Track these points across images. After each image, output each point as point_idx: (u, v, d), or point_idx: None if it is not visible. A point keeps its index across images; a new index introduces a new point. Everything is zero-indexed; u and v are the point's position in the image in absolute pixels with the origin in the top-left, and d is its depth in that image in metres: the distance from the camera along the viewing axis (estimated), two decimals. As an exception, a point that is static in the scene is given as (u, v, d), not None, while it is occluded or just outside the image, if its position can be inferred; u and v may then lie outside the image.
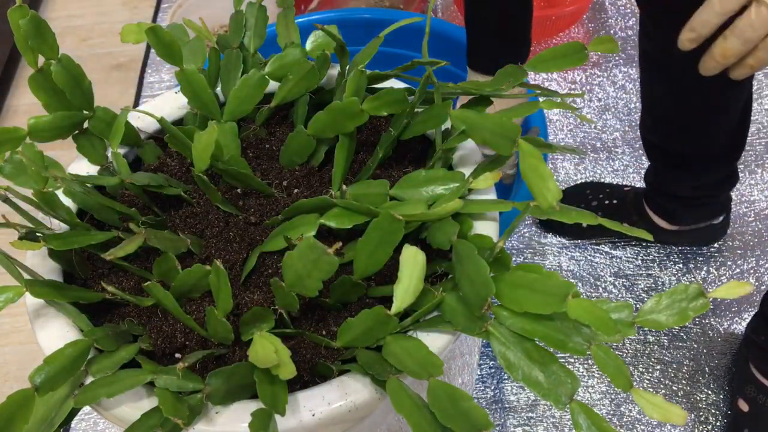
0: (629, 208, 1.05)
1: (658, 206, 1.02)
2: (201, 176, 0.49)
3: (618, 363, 0.38)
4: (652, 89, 0.89)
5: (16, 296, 0.42)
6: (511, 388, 0.95)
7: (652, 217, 1.03)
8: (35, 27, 0.48)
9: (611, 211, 1.06)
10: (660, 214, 1.02)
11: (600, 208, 1.07)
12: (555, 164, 1.21)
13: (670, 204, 1.00)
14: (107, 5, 1.64)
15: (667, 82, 0.84)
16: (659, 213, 1.02)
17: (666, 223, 1.02)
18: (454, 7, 1.52)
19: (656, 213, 1.02)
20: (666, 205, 1.00)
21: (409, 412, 0.38)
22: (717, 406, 0.92)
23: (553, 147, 0.51)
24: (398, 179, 0.51)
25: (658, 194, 1.01)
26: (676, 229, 1.03)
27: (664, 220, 1.02)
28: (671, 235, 1.04)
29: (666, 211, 1.01)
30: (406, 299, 0.40)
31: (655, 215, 1.02)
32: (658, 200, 1.01)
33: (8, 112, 1.44)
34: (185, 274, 0.45)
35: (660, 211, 1.02)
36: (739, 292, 0.39)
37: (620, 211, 1.06)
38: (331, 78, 0.62)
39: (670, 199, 0.99)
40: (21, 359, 1.06)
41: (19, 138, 0.49)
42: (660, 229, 1.03)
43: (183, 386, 0.41)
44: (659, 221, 1.03)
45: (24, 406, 0.37)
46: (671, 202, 1.00)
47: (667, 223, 1.02)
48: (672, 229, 1.03)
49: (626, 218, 1.06)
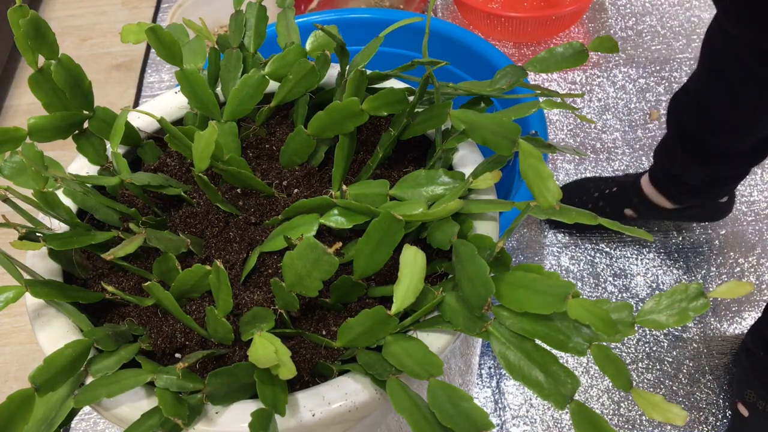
0: (629, 192, 1.04)
1: (663, 186, 0.99)
2: (201, 176, 0.49)
3: (618, 363, 0.38)
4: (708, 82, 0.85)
5: (16, 296, 0.42)
6: (511, 388, 0.95)
7: (653, 197, 1.01)
8: (35, 27, 0.48)
9: (612, 198, 1.06)
10: (663, 193, 1.00)
11: (601, 198, 1.07)
12: (555, 164, 1.21)
13: (674, 186, 0.98)
14: (107, 5, 1.64)
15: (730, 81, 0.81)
16: (663, 192, 1.00)
17: (668, 203, 1.01)
18: (453, 7, 1.52)
19: (660, 191, 1.00)
20: (670, 187, 0.99)
21: (409, 412, 0.38)
22: (717, 406, 0.92)
23: (553, 147, 0.51)
24: (398, 179, 0.51)
25: (665, 175, 0.98)
26: (679, 207, 1.01)
27: (666, 199, 1.01)
28: (673, 213, 1.02)
29: (669, 192, 0.99)
30: (406, 299, 0.40)
31: (659, 194, 1.00)
32: (664, 181, 0.99)
33: (8, 112, 1.44)
34: (185, 274, 0.45)
35: (664, 190, 1.00)
36: (739, 292, 0.39)
37: (621, 196, 1.05)
38: (331, 78, 0.62)
39: (675, 181, 0.97)
40: (21, 359, 1.06)
41: (19, 138, 0.49)
42: (661, 209, 1.02)
43: (183, 386, 0.41)
44: (661, 200, 1.01)
45: (24, 406, 0.37)
46: (676, 185, 0.98)
47: (670, 202, 1.01)
48: (674, 207, 1.01)
49: (627, 202, 1.05)
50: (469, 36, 0.94)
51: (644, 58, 1.36)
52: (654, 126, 1.25)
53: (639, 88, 1.31)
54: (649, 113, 1.27)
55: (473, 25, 1.45)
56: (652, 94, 1.30)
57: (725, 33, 0.78)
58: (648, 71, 1.34)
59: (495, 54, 0.91)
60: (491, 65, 0.91)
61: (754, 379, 0.87)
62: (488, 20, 1.38)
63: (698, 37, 1.39)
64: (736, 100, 0.81)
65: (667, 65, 1.34)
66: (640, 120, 1.26)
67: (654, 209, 1.03)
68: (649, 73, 1.33)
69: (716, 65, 0.82)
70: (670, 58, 1.36)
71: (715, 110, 0.85)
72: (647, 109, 1.28)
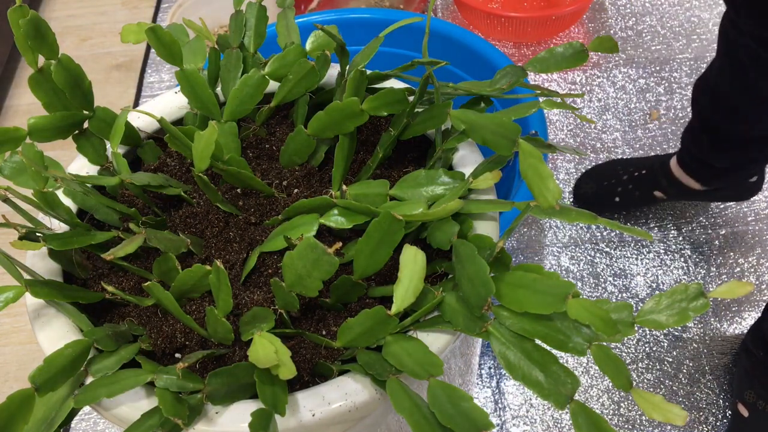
0: (658, 175, 1.06)
1: (691, 169, 1.01)
2: (201, 176, 0.49)
3: (618, 363, 0.38)
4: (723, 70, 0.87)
5: (16, 296, 0.42)
6: (511, 388, 0.95)
7: (683, 179, 1.02)
8: (35, 27, 0.48)
9: (641, 180, 1.07)
10: (692, 175, 1.01)
11: (631, 181, 1.08)
12: (555, 164, 1.21)
13: (702, 169, 0.99)
14: (107, 5, 1.64)
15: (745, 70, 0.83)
16: (692, 175, 1.01)
17: (698, 185, 1.02)
18: (453, 7, 1.52)
19: (688, 174, 1.02)
20: (699, 170, 1.00)
21: (409, 412, 0.38)
22: (717, 406, 0.92)
23: (553, 147, 0.51)
24: (398, 179, 0.51)
25: (692, 159, 1.00)
26: (708, 188, 1.03)
27: (695, 181, 1.02)
28: (703, 194, 1.04)
29: (698, 175, 1.01)
30: (406, 299, 0.40)
31: (688, 176, 1.02)
32: (691, 164, 1.00)
33: (8, 112, 1.44)
34: (185, 274, 0.45)
35: (692, 173, 1.01)
36: (739, 292, 0.39)
37: (650, 179, 1.06)
38: (331, 78, 0.62)
39: (702, 164, 0.99)
40: (21, 359, 1.06)
41: (19, 138, 0.49)
42: (691, 190, 1.03)
43: (183, 386, 0.41)
44: (690, 182, 1.02)
45: (24, 406, 0.37)
46: (703, 168, 0.99)
47: (700, 184, 1.02)
48: (703, 189, 1.03)
49: (656, 184, 1.06)
50: (469, 36, 0.94)
51: (644, 58, 1.36)
52: (654, 126, 1.25)
53: (639, 88, 1.31)
54: (649, 113, 1.27)
55: (473, 25, 1.45)
56: (652, 94, 1.30)
57: (737, 28, 0.80)
58: (648, 71, 1.34)
59: (495, 54, 0.91)
60: (491, 65, 0.91)
61: (754, 379, 0.87)
62: (488, 20, 1.38)
63: (698, 37, 1.39)
64: (750, 88, 0.83)
65: (667, 65, 1.34)
66: (640, 120, 1.26)
67: (684, 191, 1.04)
68: (649, 73, 1.33)
69: (730, 54, 0.84)
70: (670, 58, 1.36)
71: (731, 98, 0.87)
72: (647, 109, 1.28)
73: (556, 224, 1.13)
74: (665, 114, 1.26)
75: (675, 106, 1.27)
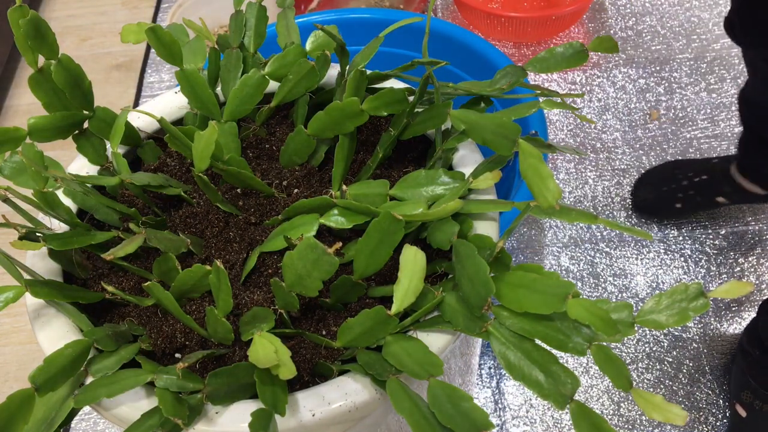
0: (720, 182, 1.05)
1: (753, 176, 1.02)
2: (201, 176, 0.49)
3: (618, 363, 0.38)
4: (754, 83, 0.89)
5: (16, 296, 0.42)
6: (511, 388, 0.95)
7: (746, 186, 1.03)
8: (35, 27, 0.48)
9: (703, 186, 1.07)
10: (755, 181, 1.02)
11: (691, 186, 1.08)
12: (555, 164, 1.21)
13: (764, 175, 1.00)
14: (107, 5, 1.64)
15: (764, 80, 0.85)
16: (754, 181, 1.02)
17: (761, 190, 1.02)
18: (453, 7, 1.52)
19: (752, 181, 1.02)
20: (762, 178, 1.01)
21: (409, 412, 0.38)
22: (717, 406, 0.92)
23: (553, 147, 0.51)
24: (398, 179, 0.51)
25: (751, 165, 1.01)
26: None
27: (759, 187, 1.02)
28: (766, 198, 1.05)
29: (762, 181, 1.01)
30: (406, 299, 0.40)
31: (752, 183, 1.02)
32: (752, 171, 1.01)
33: (8, 112, 1.44)
34: (185, 274, 0.45)
35: (755, 179, 1.02)
36: (739, 292, 0.39)
37: (712, 184, 1.06)
38: (331, 78, 0.62)
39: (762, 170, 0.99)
40: (21, 359, 1.06)
41: (19, 138, 0.49)
42: (755, 195, 1.03)
43: (183, 386, 0.41)
44: (755, 188, 1.02)
45: (24, 406, 0.37)
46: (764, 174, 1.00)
47: (763, 189, 1.02)
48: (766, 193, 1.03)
49: (718, 191, 1.06)
50: (469, 36, 0.94)
51: (644, 58, 1.36)
52: (654, 126, 1.25)
53: (639, 88, 1.31)
54: (649, 113, 1.27)
55: (473, 25, 1.45)
56: (652, 94, 1.30)
57: None
58: (648, 71, 1.34)
59: (495, 54, 0.91)
60: (491, 65, 0.91)
61: (750, 379, 0.87)
62: (488, 20, 1.38)
63: (698, 37, 1.39)
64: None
65: (667, 65, 1.34)
66: (640, 120, 1.26)
67: (748, 196, 1.04)
68: (649, 73, 1.33)
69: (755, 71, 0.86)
70: (670, 58, 1.36)
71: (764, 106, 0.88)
72: (647, 109, 1.28)
73: (556, 224, 1.13)
74: (665, 114, 1.26)
75: (675, 106, 1.27)
